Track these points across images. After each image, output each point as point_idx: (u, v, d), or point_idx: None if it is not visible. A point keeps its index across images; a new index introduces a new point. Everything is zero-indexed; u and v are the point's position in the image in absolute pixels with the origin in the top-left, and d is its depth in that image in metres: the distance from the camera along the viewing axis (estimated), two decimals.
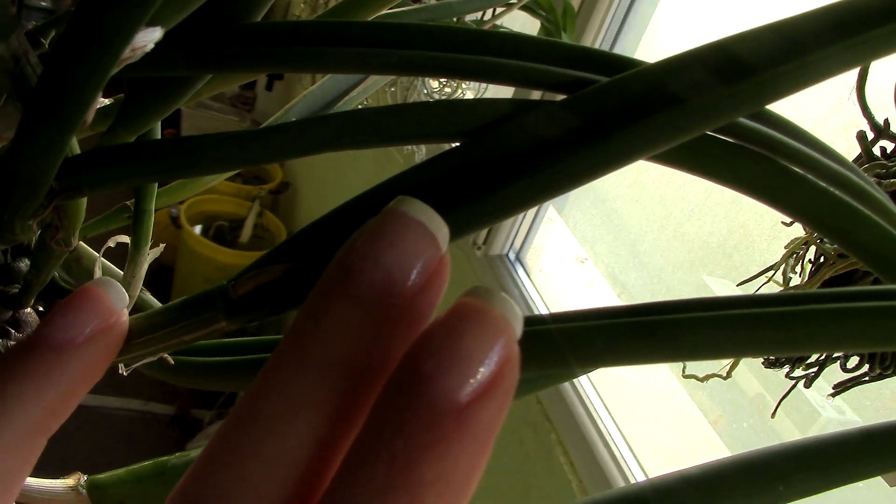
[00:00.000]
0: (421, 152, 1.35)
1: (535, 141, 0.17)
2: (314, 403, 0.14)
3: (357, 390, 0.15)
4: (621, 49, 1.13)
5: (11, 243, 0.23)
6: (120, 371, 0.20)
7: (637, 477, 0.90)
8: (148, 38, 0.17)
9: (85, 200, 0.20)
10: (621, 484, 0.89)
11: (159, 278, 2.28)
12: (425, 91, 1.23)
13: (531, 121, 0.17)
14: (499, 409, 0.14)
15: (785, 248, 0.51)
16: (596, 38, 1.11)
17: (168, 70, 0.20)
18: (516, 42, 0.19)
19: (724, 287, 1.01)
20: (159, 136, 0.26)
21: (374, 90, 0.40)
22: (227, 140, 0.19)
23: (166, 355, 0.21)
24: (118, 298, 0.19)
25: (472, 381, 0.13)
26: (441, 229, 0.16)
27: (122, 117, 0.24)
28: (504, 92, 1.32)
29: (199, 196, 2.20)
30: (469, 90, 1.21)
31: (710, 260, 1.01)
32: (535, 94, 1.04)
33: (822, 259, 0.49)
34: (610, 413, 1.00)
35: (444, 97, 1.20)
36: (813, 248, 0.50)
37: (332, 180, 2.03)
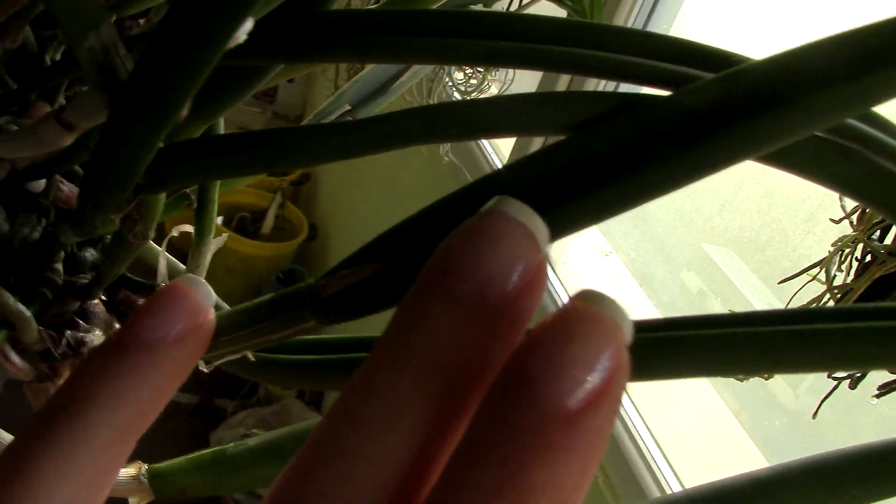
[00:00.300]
0: (446, 146, 1.33)
1: (641, 138, 0.16)
2: (418, 404, 0.14)
3: (459, 392, 0.15)
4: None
5: (89, 236, 0.23)
6: (200, 367, 0.20)
7: (664, 473, 0.89)
8: (243, 28, 0.17)
9: (164, 194, 0.20)
10: (647, 477, 0.88)
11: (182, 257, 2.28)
12: (449, 82, 1.21)
13: (638, 117, 0.16)
14: (609, 417, 0.13)
15: (832, 245, 0.49)
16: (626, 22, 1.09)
17: (251, 60, 0.20)
18: (611, 34, 0.18)
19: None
20: (222, 128, 0.26)
21: (422, 75, 0.39)
22: (323, 132, 0.18)
23: (248, 353, 0.21)
24: (206, 296, 0.19)
25: (582, 387, 0.13)
26: (541, 231, 0.15)
27: (196, 105, 0.23)
28: (528, 82, 1.30)
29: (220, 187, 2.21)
30: (495, 81, 1.19)
31: (742, 254, 1.00)
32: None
33: (868, 257, 0.48)
34: (636, 407, 0.99)
35: (470, 88, 1.18)
36: (860, 246, 0.49)
37: (352, 172, 2.02)
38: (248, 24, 0.17)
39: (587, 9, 0.76)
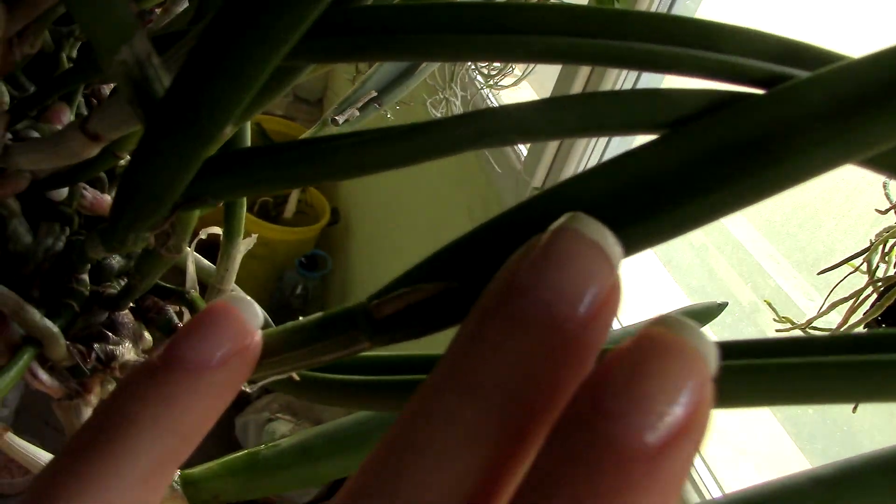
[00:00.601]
0: (483, 153, 1.30)
1: (739, 140, 0.15)
2: (480, 435, 0.13)
3: (526, 423, 0.14)
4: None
5: (119, 252, 0.21)
6: (244, 388, 0.19)
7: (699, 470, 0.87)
8: None
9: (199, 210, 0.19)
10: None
11: (206, 253, 2.28)
12: (473, 66, 1.18)
13: (734, 117, 0.15)
14: (690, 455, 0.12)
15: (876, 236, 0.48)
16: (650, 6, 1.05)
17: (288, 61, 0.18)
18: (699, 29, 0.17)
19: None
20: (248, 133, 0.24)
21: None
22: (364, 145, 0.17)
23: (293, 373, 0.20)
24: (253, 317, 0.18)
25: (664, 423, 0.12)
26: (615, 251, 0.14)
27: None
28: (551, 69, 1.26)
29: None
30: (518, 65, 1.16)
31: (774, 239, 0.97)
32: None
33: None
34: None
35: (493, 72, 1.15)
36: None
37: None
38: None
39: None
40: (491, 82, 1.19)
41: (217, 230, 0.26)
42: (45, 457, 0.24)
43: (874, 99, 0.15)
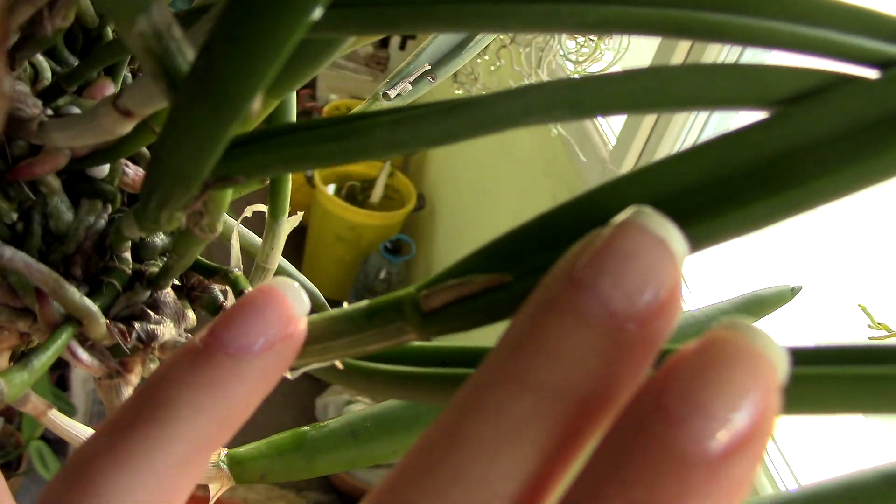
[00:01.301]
0: (567, 140, 1.27)
1: (845, 126, 0.14)
2: (531, 430, 0.13)
3: (581, 422, 0.13)
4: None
5: (154, 232, 0.21)
6: (285, 375, 0.18)
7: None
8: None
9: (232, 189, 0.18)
10: None
11: (293, 237, 2.33)
12: (561, 51, 1.15)
13: (847, 99, 0.14)
14: (753, 464, 0.12)
15: None
16: None
17: (331, 32, 0.17)
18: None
19: None
20: (294, 106, 0.24)
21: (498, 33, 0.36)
22: (403, 123, 0.16)
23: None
24: (299, 303, 0.17)
25: (728, 429, 0.12)
26: (680, 248, 0.14)
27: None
28: (645, 51, 1.22)
29: None
30: (608, 50, 1.12)
31: None
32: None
33: None
34: None
35: (582, 58, 1.11)
36: None
37: (461, 143, 2.01)
38: None
39: None
40: (579, 69, 1.16)
41: (262, 208, 0.26)
42: (89, 434, 0.24)
43: None
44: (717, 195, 0.15)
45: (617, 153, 1.15)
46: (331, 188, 2.19)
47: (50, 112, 0.22)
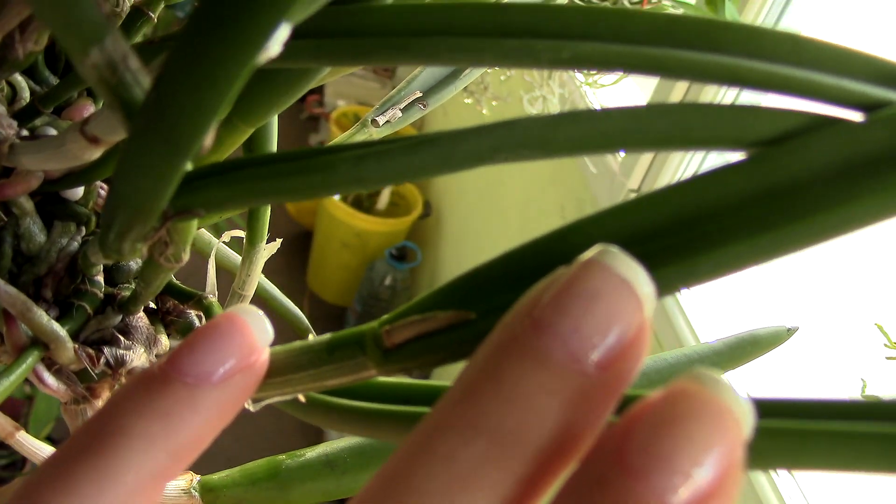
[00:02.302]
0: (586, 164, 1.27)
1: (824, 171, 0.13)
2: (485, 478, 0.12)
3: (538, 469, 0.13)
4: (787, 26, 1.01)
5: (116, 260, 0.21)
6: (246, 406, 0.18)
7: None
8: (276, 38, 0.14)
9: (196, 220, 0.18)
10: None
11: (300, 242, 2.36)
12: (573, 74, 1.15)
13: (828, 142, 0.13)
14: None
15: None
16: (757, 17, 0.99)
17: (293, 63, 0.17)
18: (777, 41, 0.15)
19: None
20: (275, 132, 0.23)
21: None
22: (366, 158, 0.16)
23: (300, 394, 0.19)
24: (262, 332, 0.17)
25: (689, 485, 0.11)
26: (646, 290, 0.13)
27: (239, 108, 0.21)
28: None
29: None
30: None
31: None
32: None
33: None
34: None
35: (593, 71, 1.12)
36: None
37: None
38: (284, 33, 0.15)
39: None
40: (590, 80, 1.16)
41: (240, 233, 0.25)
42: (47, 450, 0.23)
43: None
44: (687, 237, 0.15)
45: (626, 165, 1.15)
46: (336, 195, 2.20)
47: (25, 133, 0.22)
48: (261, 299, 0.38)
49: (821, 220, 0.14)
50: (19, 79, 0.22)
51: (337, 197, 2.17)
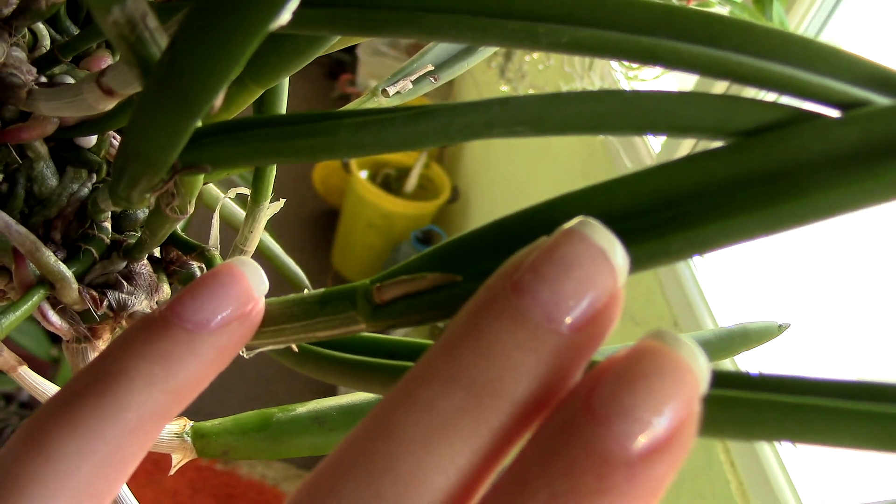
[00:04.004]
0: (613, 145, 1.26)
1: (795, 163, 0.14)
2: (464, 427, 0.13)
3: (511, 420, 0.14)
4: (832, 33, 1.01)
5: (125, 208, 0.22)
6: (241, 354, 0.19)
7: (802, 479, 0.84)
8: (288, 7, 0.15)
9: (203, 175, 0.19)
10: (787, 493, 0.83)
11: (326, 219, 2.36)
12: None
13: (802, 136, 0.14)
14: (672, 466, 0.13)
15: None
16: (802, 20, 0.99)
17: (306, 30, 0.18)
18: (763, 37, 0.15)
19: None
20: (286, 93, 0.24)
21: None
22: (367, 126, 0.16)
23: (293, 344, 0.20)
24: (258, 283, 0.18)
25: (649, 432, 0.12)
26: (621, 261, 0.14)
27: (252, 68, 0.22)
28: None
29: None
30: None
31: None
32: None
33: None
34: None
35: (634, 66, 1.11)
36: None
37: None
38: (295, 2, 0.15)
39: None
40: (631, 74, 1.16)
41: (245, 190, 0.26)
42: (52, 389, 0.24)
43: None
44: (662, 217, 0.16)
45: (660, 160, 1.15)
46: (364, 174, 2.20)
47: (44, 79, 0.23)
48: (263, 256, 0.39)
49: (790, 209, 0.15)
50: (41, 27, 0.23)
51: (364, 176, 2.18)
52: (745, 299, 1.06)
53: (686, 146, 1.13)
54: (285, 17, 0.15)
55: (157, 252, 0.26)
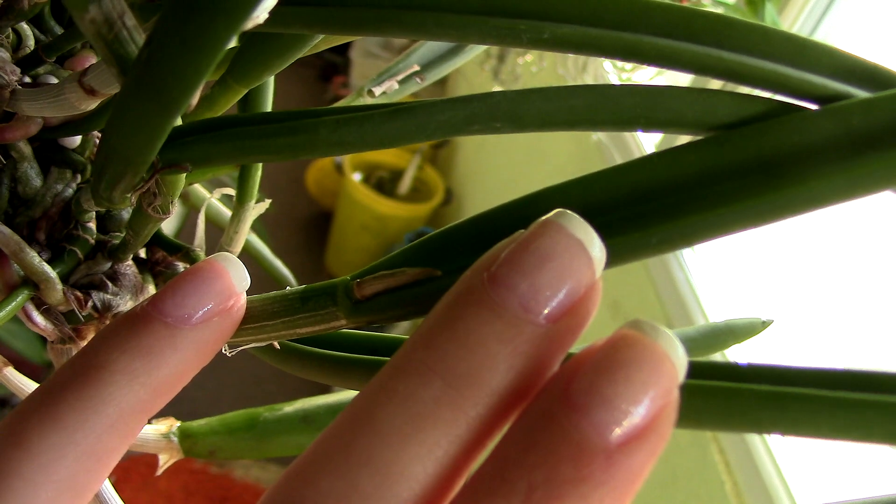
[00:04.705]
0: (607, 147, 1.26)
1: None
2: (439, 417, 0.13)
3: (489, 410, 0.14)
4: (825, 34, 1.01)
5: (107, 208, 0.22)
6: (223, 351, 0.19)
7: (796, 481, 0.84)
8: (263, 6, 0.15)
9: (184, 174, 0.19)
10: (782, 493, 0.83)
11: (320, 222, 2.35)
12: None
13: (782, 128, 0.14)
14: (650, 455, 0.13)
15: None
16: (796, 20, 0.99)
17: (283, 28, 0.18)
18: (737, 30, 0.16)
19: None
20: (271, 92, 0.24)
21: None
22: (347, 123, 0.16)
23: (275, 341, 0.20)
24: (240, 279, 0.18)
25: (627, 421, 0.12)
26: (598, 252, 0.14)
27: (235, 68, 0.22)
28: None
29: None
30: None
31: None
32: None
33: None
34: None
35: (627, 67, 1.11)
36: None
37: (493, 139, 2.00)
38: (271, 1, 0.15)
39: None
40: (625, 76, 1.16)
41: (230, 191, 0.26)
42: (31, 385, 0.24)
43: (884, 135, 0.14)
44: (642, 210, 0.16)
45: None
46: (357, 176, 2.20)
47: (28, 80, 0.23)
48: (250, 257, 0.39)
49: (768, 200, 0.15)
50: (25, 27, 0.23)
51: (358, 178, 2.18)
52: (738, 298, 1.06)
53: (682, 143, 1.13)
54: (262, 15, 0.15)
55: (142, 253, 0.26)
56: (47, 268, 0.22)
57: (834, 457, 0.87)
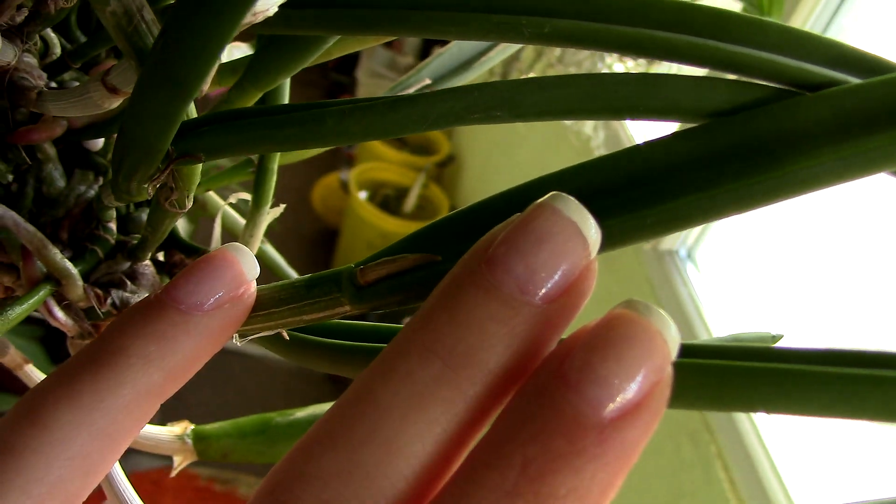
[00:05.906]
0: (598, 139, 1.28)
1: (765, 139, 0.15)
2: (441, 396, 0.14)
3: (487, 389, 0.14)
4: (835, 34, 1.02)
5: (127, 202, 0.22)
6: (234, 341, 0.19)
7: (793, 480, 0.82)
8: (270, 1, 0.15)
9: (200, 165, 0.19)
10: (774, 482, 0.82)
11: (326, 240, 2.37)
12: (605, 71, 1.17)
13: (776, 114, 0.15)
14: (644, 432, 0.13)
15: None
16: (806, 21, 1.00)
17: (296, 30, 0.19)
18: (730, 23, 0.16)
19: None
20: (287, 93, 0.25)
21: (512, 51, 0.37)
22: (351, 113, 0.17)
23: (283, 330, 0.20)
24: (250, 268, 0.19)
25: (620, 397, 0.13)
26: (593, 234, 0.14)
27: (250, 72, 0.23)
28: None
29: (367, 164, 2.28)
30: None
31: None
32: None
33: None
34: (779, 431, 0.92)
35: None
36: None
37: (497, 155, 2.01)
38: None
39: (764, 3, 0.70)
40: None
41: (247, 196, 0.27)
42: (39, 376, 0.25)
43: (876, 118, 0.14)
44: (637, 194, 0.16)
45: None
46: (363, 195, 2.21)
47: (54, 85, 0.24)
48: (265, 266, 0.40)
49: (762, 182, 0.15)
50: (52, 35, 0.24)
51: (364, 197, 2.20)
52: (741, 312, 1.06)
53: None
54: (272, 8, 0.16)
55: (161, 257, 0.27)
56: (69, 264, 0.23)
57: (839, 473, 0.86)
